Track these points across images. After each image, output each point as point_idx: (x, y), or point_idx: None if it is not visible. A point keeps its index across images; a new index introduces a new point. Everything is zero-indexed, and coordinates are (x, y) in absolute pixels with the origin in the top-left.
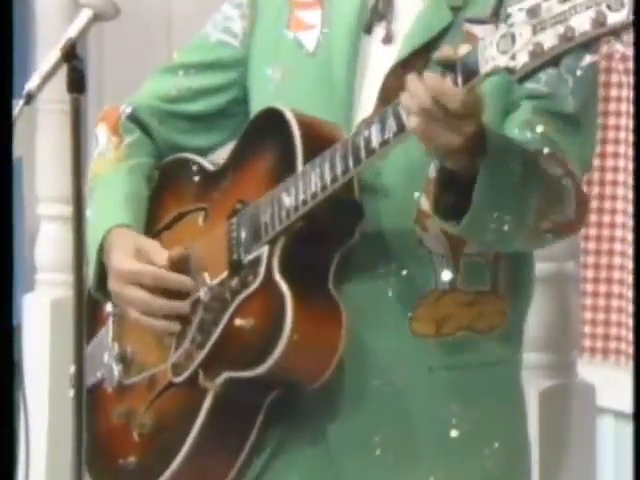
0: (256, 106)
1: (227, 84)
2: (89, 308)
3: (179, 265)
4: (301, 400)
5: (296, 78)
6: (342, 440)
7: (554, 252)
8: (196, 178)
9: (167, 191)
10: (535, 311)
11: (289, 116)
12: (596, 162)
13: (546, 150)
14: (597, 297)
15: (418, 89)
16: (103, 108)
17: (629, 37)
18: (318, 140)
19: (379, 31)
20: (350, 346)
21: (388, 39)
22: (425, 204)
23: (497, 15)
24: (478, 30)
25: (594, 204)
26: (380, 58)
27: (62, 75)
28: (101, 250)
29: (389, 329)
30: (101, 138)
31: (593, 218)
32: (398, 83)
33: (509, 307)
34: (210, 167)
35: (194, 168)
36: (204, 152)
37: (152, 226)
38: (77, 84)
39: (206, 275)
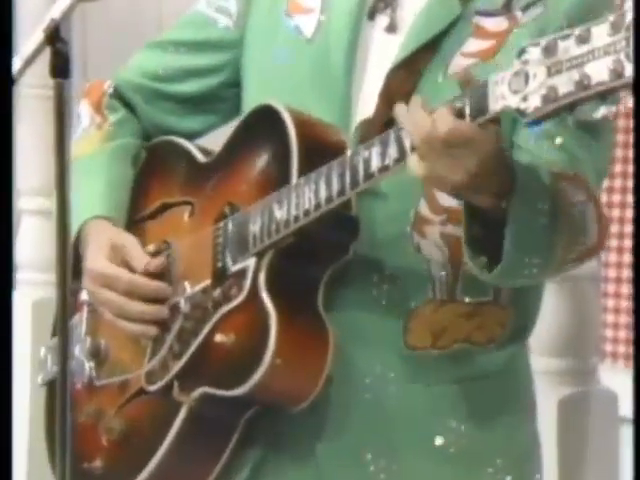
0: (250, 93)
1: (219, 66)
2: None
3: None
4: (285, 417)
5: (292, 65)
6: (332, 458)
7: None
8: (185, 167)
9: (153, 176)
10: (553, 313)
11: (286, 117)
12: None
13: (567, 171)
14: (619, 298)
15: (423, 121)
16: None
17: None
18: (315, 145)
19: (383, 18)
20: (340, 359)
21: (392, 28)
22: (425, 209)
23: (508, 7)
24: (488, 23)
25: (617, 198)
26: (383, 48)
27: (45, 59)
28: (77, 241)
29: (382, 341)
30: (84, 116)
31: (615, 213)
32: (401, 83)
33: (510, 318)
34: (201, 158)
35: (184, 156)
36: (192, 135)
37: (135, 211)
38: (61, 68)
39: (187, 283)
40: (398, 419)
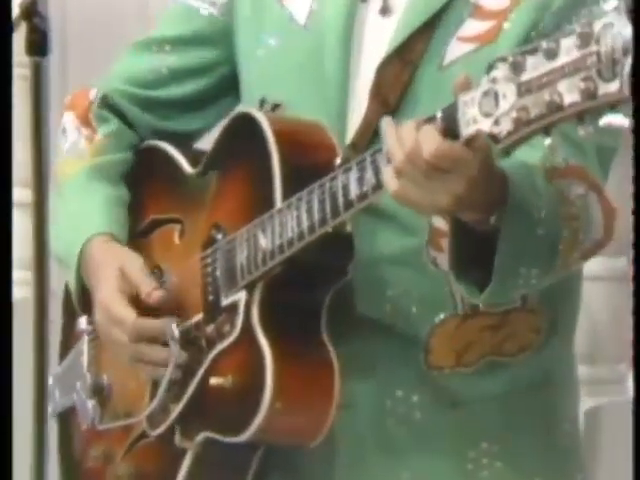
0: (244, 85)
1: (211, 62)
2: (67, 315)
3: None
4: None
5: (285, 56)
6: None
7: None
8: (172, 178)
9: (143, 185)
10: (581, 315)
11: (266, 128)
12: None
13: (562, 162)
14: None
15: (408, 139)
16: (67, 73)
17: None
18: (300, 155)
19: (376, 0)
20: (357, 385)
21: (385, 10)
22: (439, 221)
23: None
24: (487, 1)
25: None
26: (377, 34)
27: (20, 35)
28: (79, 260)
29: (401, 363)
30: (70, 130)
31: None
32: (394, 78)
33: (544, 321)
34: (187, 168)
35: (170, 165)
36: (197, 133)
37: (130, 225)
38: (38, 46)
39: (174, 326)
40: (425, 445)
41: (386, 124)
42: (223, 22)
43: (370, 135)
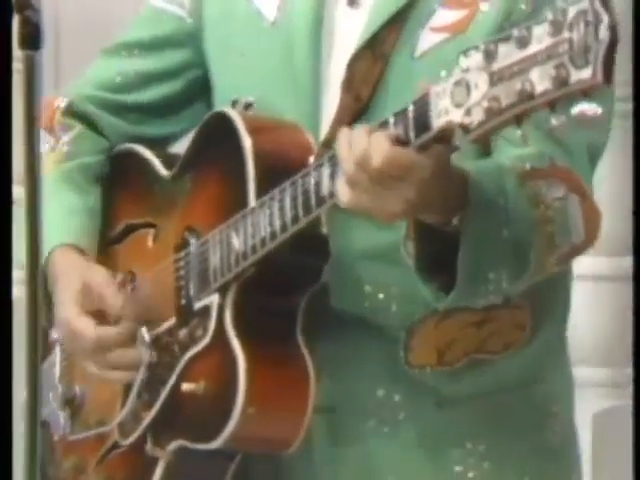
0: (217, 88)
1: (180, 65)
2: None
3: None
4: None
5: (255, 56)
6: None
7: (606, 245)
8: (147, 182)
9: (117, 191)
10: (586, 316)
11: (240, 127)
12: None
13: (545, 161)
14: None
15: (359, 145)
16: (60, 67)
17: None
18: (275, 155)
19: None
20: (337, 386)
21: (353, 1)
22: None
23: None
24: None
25: None
26: (347, 25)
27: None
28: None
29: (382, 362)
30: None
31: None
32: (366, 71)
33: (530, 316)
34: (162, 170)
35: (145, 168)
36: (170, 138)
37: (104, 232)
38: (31, 39)
39: (144, 329)
40: (409, 446)
41: (340, 132)
42: (192, 24)
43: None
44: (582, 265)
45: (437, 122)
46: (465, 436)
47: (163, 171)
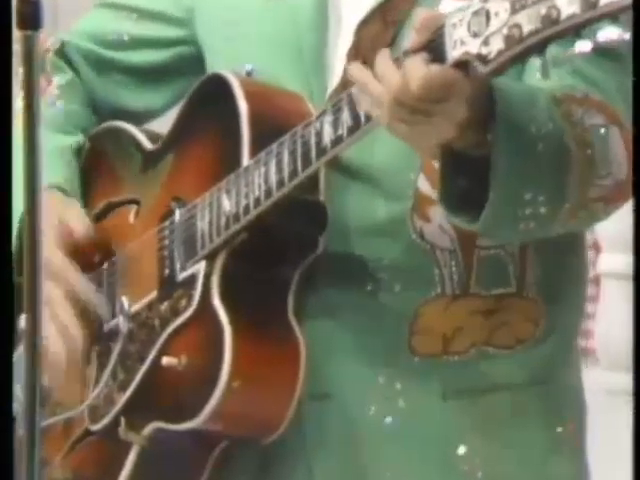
0: (211, 63)
1: (172, 39)
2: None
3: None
4: (270, 445)
5: (256, 27)
6: None
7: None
8: (130, 158)
9: (98, 171)
10: (617, 317)
11: (236, 88)
12: None
13: (579, 93)
14: None
15: (392, 77)
16: None
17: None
18: (272, 121)
19: None
20: (333, 372)
21: None
22: (426, 186)
23: None
24: None
25: None
26: None
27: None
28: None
29: (383, 347)
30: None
31: None
32: (374, 35)
33: (543, 311)
34: (147, 145)
35: (130, 144)
36: (149, 114)
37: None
38: (30, 18)
39: (124, 299)
40: (409, 439)
41: (355, 69)
42: (187, 3)
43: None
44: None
45: (452, 54)
46: (471, 432)
47: (148, 145)
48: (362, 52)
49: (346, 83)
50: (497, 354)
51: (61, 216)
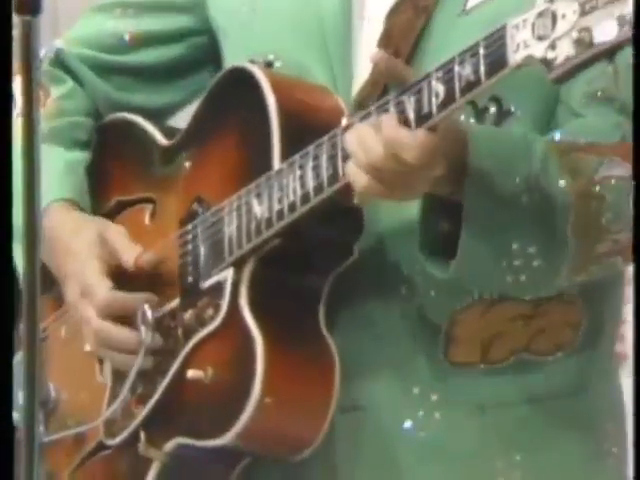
0: (226, 55)
1: (180, 30)
2: None
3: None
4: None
5: (275, 10)
6: None
7: None
8: (143, 153)
9: (107, 166)
10: None
11: (263, 83)
12: None
13: (616, 138)
14: None
15: (372, 143)
16: (59, 34)
17: None
18: (303, 118)
19: None
20: (363, 384)
21: None
22: None
23: None
24: None
25: None
26: None
27: None
28: None
29: (417, 357)
30: (19, 96)
31: None
32: (405, 23)
33: (583, 315)
34: (162, 140)
35: (141, 139)
36: (158, 114)
37: (92, 209)
38: (30, 3)
39: (147, 307)
40: (447, 453)
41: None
42: None
43: (380, 91)
44: None
45: (514, 57)
46: (510, 446)
47: (162, 140)
48: (394, 41)
49: (377, 77)
50: (536, 362)
51: (100, 230)
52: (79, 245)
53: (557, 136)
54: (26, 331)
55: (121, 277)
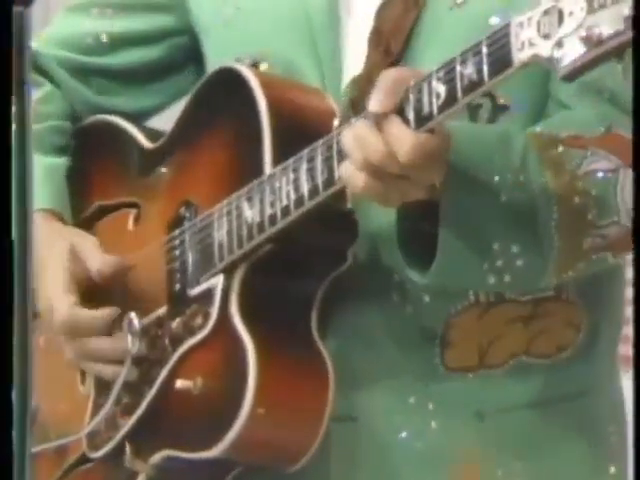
0: (209, 56)
1: (160, 30)
2: None
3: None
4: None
5: (261, 10)
6: None
7: None
8: (125, 156)
9: (87, 169)
10: None
11: (253, 84)
12: None
13: (590, 129)
14: None
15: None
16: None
17: None
18: (295, 120)
19: None
20: (358, 394)
21: None
22: None
23: None
24: None
25: None
26: None
27: None
28: None
29: (412, 364)
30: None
31: None
32: (396, 18)
33: (584, 315)
34: (145, 142)
35: (123, 141)
36: (138, 117)
37: (72, 214)
38: None
39: (133, 315)
40: (445, 463)
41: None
42: None
43: (371, 90)
44: None
45: (519, 56)
46: (511, 453)
47: (146, 143)
48: (384, 37)
49: (370, 73)
50: (536, 365)
51: (72, 242)
52: (50, 258)
53: (537, 128)
54: (18, 347)
55: (96, 289)
